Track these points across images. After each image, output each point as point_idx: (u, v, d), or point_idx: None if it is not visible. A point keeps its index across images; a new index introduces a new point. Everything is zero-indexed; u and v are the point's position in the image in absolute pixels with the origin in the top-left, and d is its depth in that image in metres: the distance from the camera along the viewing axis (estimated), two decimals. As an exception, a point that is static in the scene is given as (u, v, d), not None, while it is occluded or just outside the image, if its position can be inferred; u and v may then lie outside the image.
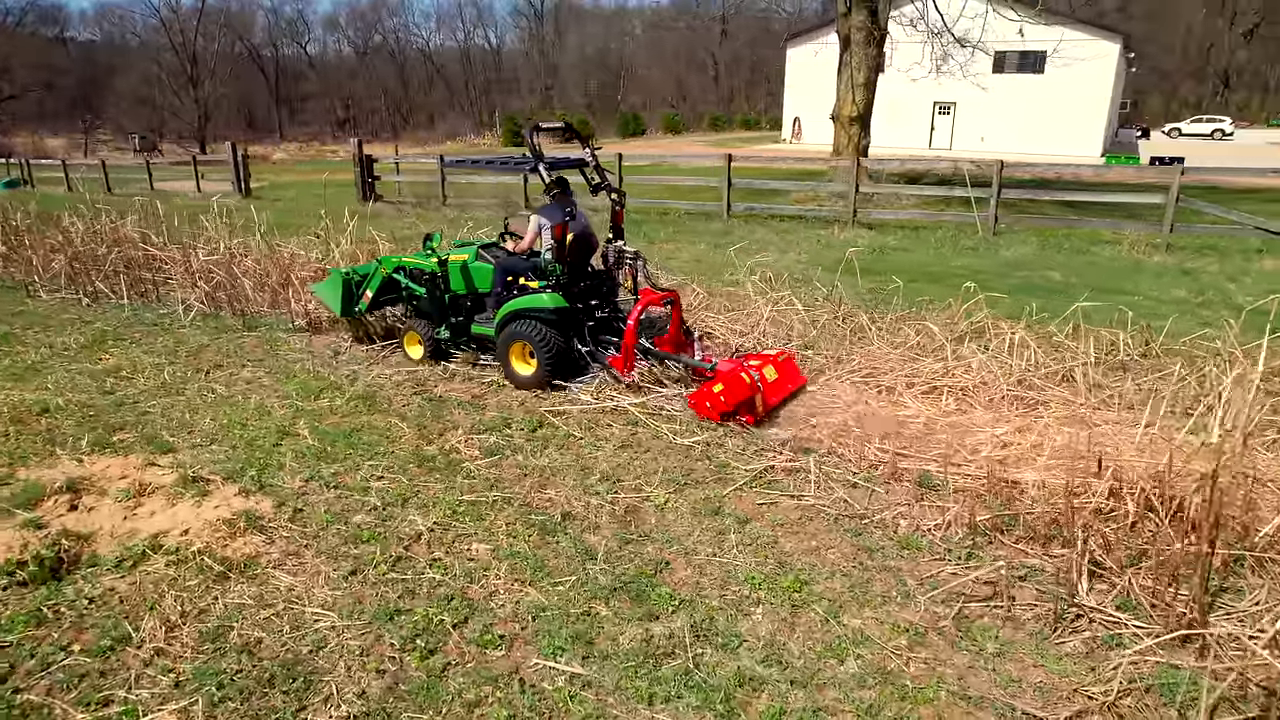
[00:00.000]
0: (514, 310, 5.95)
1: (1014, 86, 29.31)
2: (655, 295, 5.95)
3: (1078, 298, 7.76)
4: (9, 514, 4.19)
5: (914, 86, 30.64)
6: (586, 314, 6.14)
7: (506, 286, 6.25)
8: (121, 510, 4.21)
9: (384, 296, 7.08)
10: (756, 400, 5.34)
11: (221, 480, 4.52)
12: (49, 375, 6.50)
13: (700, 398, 5.41)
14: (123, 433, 5.37)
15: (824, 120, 36.30)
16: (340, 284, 7.03)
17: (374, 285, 6.95)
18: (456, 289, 6.59)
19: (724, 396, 5.27)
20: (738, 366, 5.45)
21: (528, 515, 4.25)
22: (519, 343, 5.96)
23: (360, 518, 4.21)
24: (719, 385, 5.32)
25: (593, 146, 6.68)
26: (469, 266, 6.54)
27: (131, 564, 3.77)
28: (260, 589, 3.60)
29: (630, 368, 5.83)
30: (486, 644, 3.26)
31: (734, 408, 5.29)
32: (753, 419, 5.33)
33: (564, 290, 5.88)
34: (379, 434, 5.29)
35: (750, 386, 5.31)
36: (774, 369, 5.65)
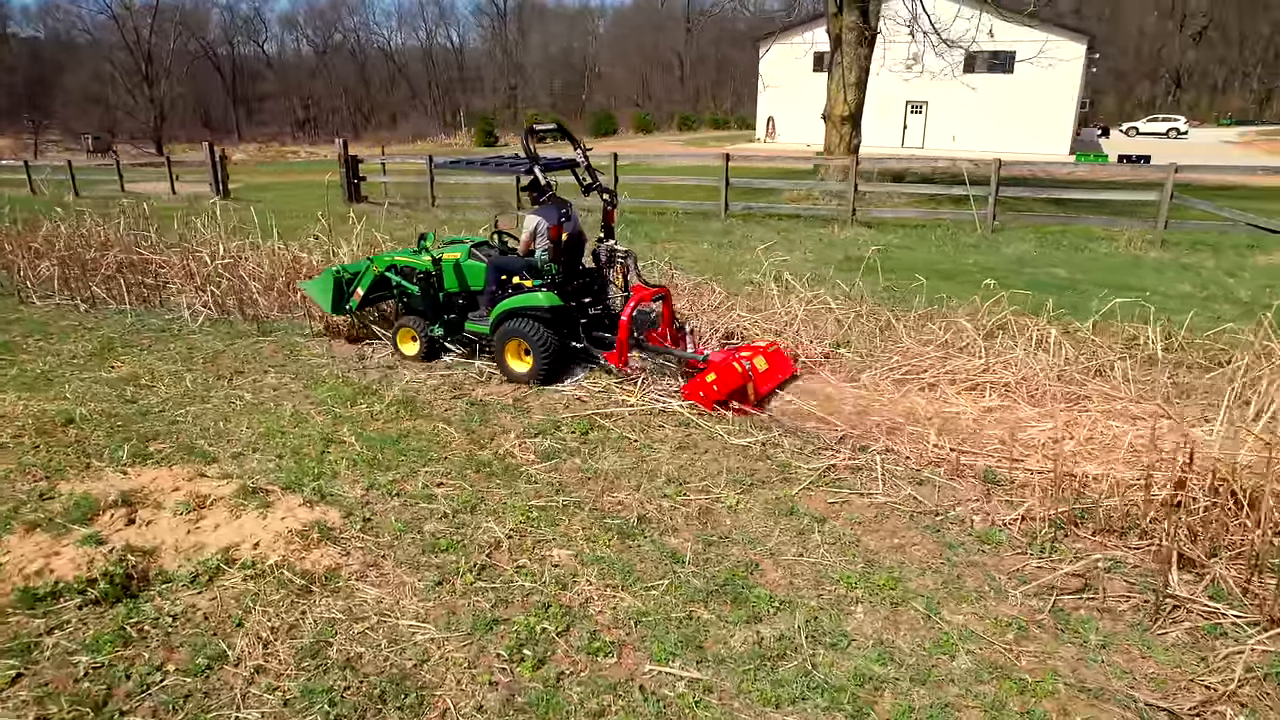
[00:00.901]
0: (510, 309, 6.06)
1: (984, 86, 29.88)
2: (647, 292, 6.08)
3: (1087, 293, 7.96)
4: (64, 529, 4.02)
5: (886, 86, 31.10)
6: (580, 312, 6.25)
7: (500, 285, 6.33)
8: (182, 524, 4.06)
9: (374, 295, 7.09)
10: (748, 389, 5.57)
11: (281, 491, 4.39)
12: (63, 384, 6.26)
13: (694, 387, 5.62)
14: (157, 443, 5.19)
15: (798, 119, 36.83)
16: (331, 282, 7.03)
17: (365, 283, 6.96)
18: (450, 287, 6.63)
19: (716, 385, 5.48)
20: (729, 357, 5.68)
21: (602, 519, 4.20)
22: (515, 340, 6.07)
23: (432, 526, 4.12)
24: (712, 375, 5.52)
25: (584, 147, 6.74)
26: (462, 265, 6.59)
27: (207, 579, 3.64)
28: (347, 602, 3.50)
29: (625, 362, 5.97)
30: (596, 651, 3.21)
31: (726, 396, 5.50)
32: (747, 405, 5.54)
33: (558, 289, 6.01)
34: (427, 439, 5.19)
35: (742, 375, 5.54)
36: (764, 359, 5.87)
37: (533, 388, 6.03)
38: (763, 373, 5.78)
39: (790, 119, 36.54)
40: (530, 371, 6.06)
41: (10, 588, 3.57)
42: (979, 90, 29.27)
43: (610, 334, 6.16)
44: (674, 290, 7.92)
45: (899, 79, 29.80)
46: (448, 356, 6.75)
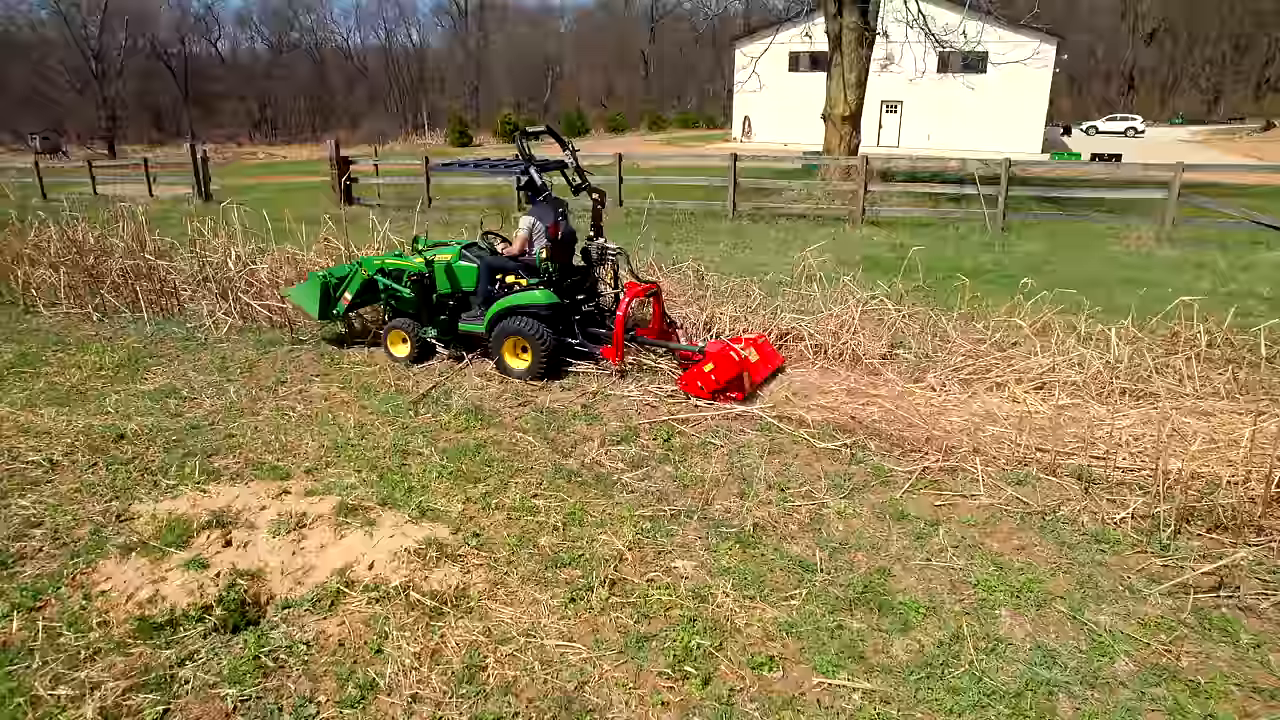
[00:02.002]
0: (507, 307, 6.15)
1: (958, 86, 30.39)
2: (640, 288, 6.21)
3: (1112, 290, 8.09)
4: (160, 552, 3.82)
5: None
6: (574, 309, 6.37)
7: (495, 285, 6.43)
8: (285, 544, 3.88)
9: (361, 299, 7.04)
10: (744, 378, 5.73)
11: (380, 507, 4.23)
12: (99, 398, 5.98)
13: (691, 378, 5.77)
14: (219, 458, 4.98)
15: (774, 119, 37.01)
16: (319, 287, 6.94)
17: (354, 287, 6.92)
18: (442, 289, 6.66)
19: (714, 375, 5.63)
20: (725, 347, 5.79)
21: (716, 528, 4.12)
22: (512, 338, 6.15)
23: (546, 539, 4.00)
24: (709, 365, 5.66)
25: (573, 148, 6.81)
26: (453, 266, 6.62)
27: (329, 604, 3.48)
28: (484, 623, 3.38)
29: (621, 357, 6.11)
30: (760, 666, 3.14)
31: (724, 385, 5.65)
32: (741, 395, 5.68)
33: (554, 286, 6.14)
34: (507, 449, 5.05)
35: (739, 364, 5.68)
36: (755, 351, 6.08)
37: (602, 394, 5.92)
38: (754, 363, 5.95)
39: (766, 119, 36.77)
40: (529, 368, 6.14)
41: (125, 616, 3.37)
42: (953, 90, 29.78)
43: (603, 330, 6.39)
44: (712, 293, 7.87)
45: (874, 78, 30.17)
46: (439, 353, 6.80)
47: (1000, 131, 30.89)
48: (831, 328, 6.55)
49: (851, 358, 6.29)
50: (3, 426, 5.46)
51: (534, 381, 6.11)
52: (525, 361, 6.17)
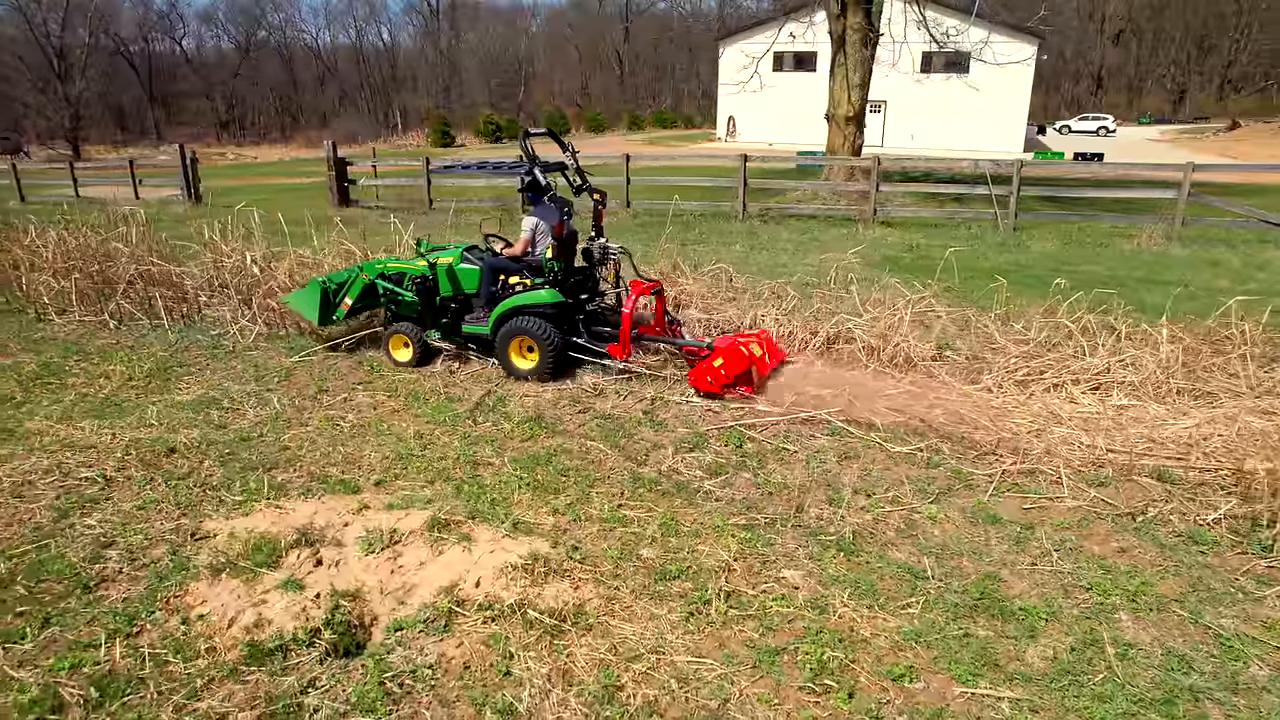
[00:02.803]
0: (513, 307, 6.16)
1: (941, 85, 30.73)
2: (645, 286, 6.30)
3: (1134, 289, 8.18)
4: (251, 573, 3.67)
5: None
6: (577, 308, 6.42)
7: (499, 286, 6.45)
8: (381, 563, 3.76)
9: (361, 303, 7.03)
10: (752, 373, 5.82)
11: (470, 521, 4.11)
12: (137, 410, 5.77)
13: (701, 373, 5.78)
14: (280, 472, 4.82)
15: (758, 119, 37.08)
16: (319, 293, 6.87)
17: (355, 292, 6.89)
18: (444, 291, 6.66)
19: (724, 370, 5.68)
20: (734, 342, 5.90)
21: (815, 536, 4.08)
22: (518, 338, 6.16)
23: (648, 552, 3.92)
24: (719, 360, 5.71)
25: (573, 149, 6.85)
26: (455, 269, 6.62)
27: (443, 624, 3.36)
28: (608, 640, 3.29)
29: (628, 354, 6.16)
30: (899, 677, 3.09)
31: (734, 379, 5.73)
32: (750, 389, 5.78)
33: (559, 286, 6.18)
34: (579, 458, 4.96)
35: (748, 359, 5.78)
36: (759, 345, 6.12)
37: (661, 400, 5.84)
38: (759, 358, 6.01)
39: (751, 119, 36.86)
40: (535, 368, 6.15)
41: (231, 641, 3.23)
42: (936, 90, 30.09)
43: (607, 328, 6.47)
44: (749, 295, 7.83)
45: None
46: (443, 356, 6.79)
47: (983, 131, 31.31)
48: (881, 329, 6.53)
49: (905, 360, 6.27)
50: (43, 440, 5.24)
51: (543, 381, 6.13)
52: (531, 361, 6.17)
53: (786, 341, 6.75)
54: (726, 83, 35.85)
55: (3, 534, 4.12)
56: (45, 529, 4.17)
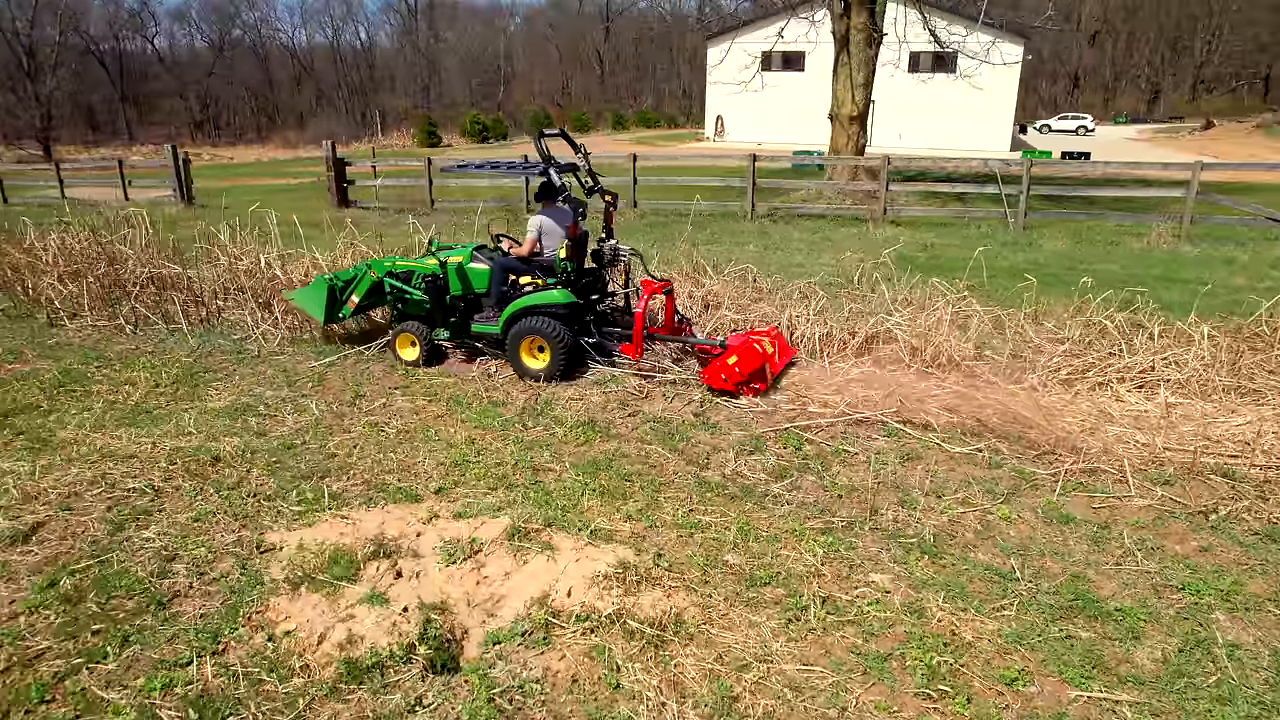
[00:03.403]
0: (524, 307, 6.16)
1: (929, 85, 30.97)
2: (656, 286, 6.31)
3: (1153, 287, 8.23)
4: (331, 587, 3.56)
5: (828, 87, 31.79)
6: (588, 308, 6.44)
7: (509, 285, 6.46)
8: (464, 574, 3.66)
9: (367, 301, 7.00)
10: (766, 370, 5.86)
11: (547, 529, 4.03)
12: (171, 419, 5.61)
13: (715, 371, 5.81)
14: (332, 480, 4.70)
15: (747, 118, 37.10)
16: (325, 291, 6.82)
17: (362, 290, 6.85)
18: (454, 290, 6.64)
19: (738, 367, 5.70)
20: (748, 340, 5.93)
21: (895, 538, 4.04)
22: (529, 338, 6.15)
23: (732, 558, 3.86)
24: (733, 357, 5.73)
25: (584, 151, 6.88)
26: (465, 268, 6.60)
27: (542, 636, 3.28)
28: (713, 650, 3.23)
29: (641, 354, 6.18)
30: (1012, 681, 3.06)
31: (748, 377, 5.75)
32: (764, 386, 5.83)
33: (570, 286, 6.20)
34: (639, 462, 4.89)
35: (761, 356, 5.84)
36: (770, 343, 6.16)
37: (710, 403, 5.79)
38: (769, 355, 6.04)
39: (739, 118, 36.93)
40: (546, 368, 6.14)
41: (325, 659, 3.12)
42: (923, 89, 30.31)
43: (617, 329, 6.51)
44: (780, 295, 7.80)
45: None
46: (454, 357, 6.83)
47: (970, 130, 31.61)
48: (920, 329, 6.52)
49: (948, 360, 6.27)
50: (80, 450, 5.07)
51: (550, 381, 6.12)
52: (542, 361, 6.17)
53: (824, 342, 6.72)
54: (721, 81, 35.86)
55: (59, 548, 3.98)
56: (102, 543, 4.02)
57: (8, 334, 7.63)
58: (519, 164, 7.03)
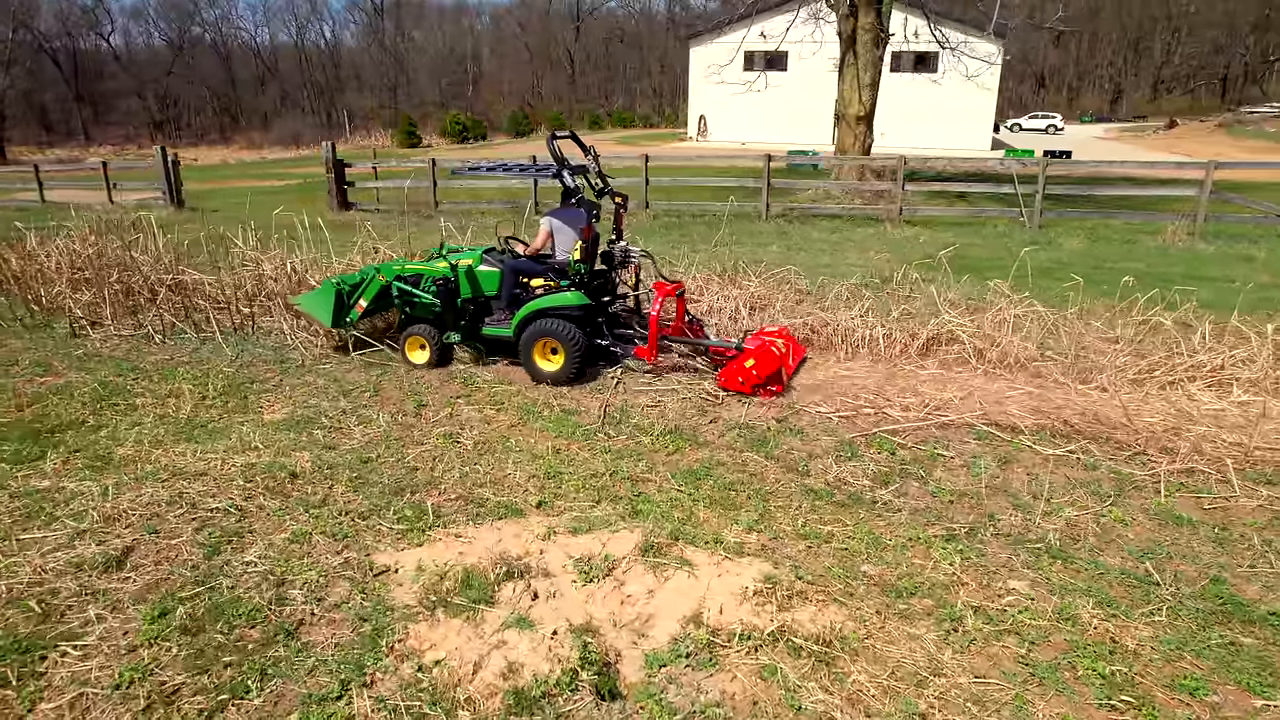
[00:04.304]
0: (538, 309, 6.15)
1: (910, 85, 31.29)
2: (669, 288, 6.29)
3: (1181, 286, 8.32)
4: (470, 610, 3.41)
5: (817, 85, 32.00)
6: (600, 310, 6.44)
7: (521, 288, 6.47)
8: (606, 593, 3.53)
9: (375, 304, 6.95)
10: (781, 371, 5.90)
11: (676, 543, 3.91)
12: (231, 433, 5.37)
13: (732, 373, 5.86)
14: (421, 495, 4.54)
15: (730, 118, 37.16)
16: (333, 294, 6.74)
17: (371, 293, 6.81)
18: (463, 293, 6.62)
19: (756, 370, 5.75)
20: (765, 341, 5.97)
21: (1020, 543, 4.00)
22: (542, 340, 6.14)
23: (869, 568, 3.78)
24: (750, 360, 5.78)
25: (594, 153, 6.87)
26: (475, 271, 6.58)
27: (707, 657, 3.17)
28: (883, 666, 3.14)
29: (656, 357, 6.22)
30: (1194, 690, 3.02)
31: (765, 379, 5.79)
32: (780, 388, 5.86)
33: (584, 288, 6.20)
34: (738, 470, 4.79)
35: (779, 358, 5.87)
36: (783, 343, 6.21)
37: (790, 408, 5.71)
38: (784, 357, 6.08)
39: (722, 118, 36.96)
40: (560, 370, 6.14)
41: (489, 689, 2.98)
42: (905, 89, 30.59)
43: (629, 331, 6.54)
44: (832, 298, 7.76)
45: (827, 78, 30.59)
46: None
47: (952, 130, 32.00)
48: (984, 329, 6.51)
49: (1015, 361, 6.27)
50: (144, 468, 4.83)
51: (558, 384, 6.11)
52: (556, 364, 6.16)
53: (885, 344, 6.68)
54: (695, 82, 35.92)
55: (156, 574, 3.77)
56: (202, 568, 3.82)
57: (30, 345, 7.29)
58: (530, 166, 6.99)
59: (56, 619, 3.46)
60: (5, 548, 3.97)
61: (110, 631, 3.37)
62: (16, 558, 3.88)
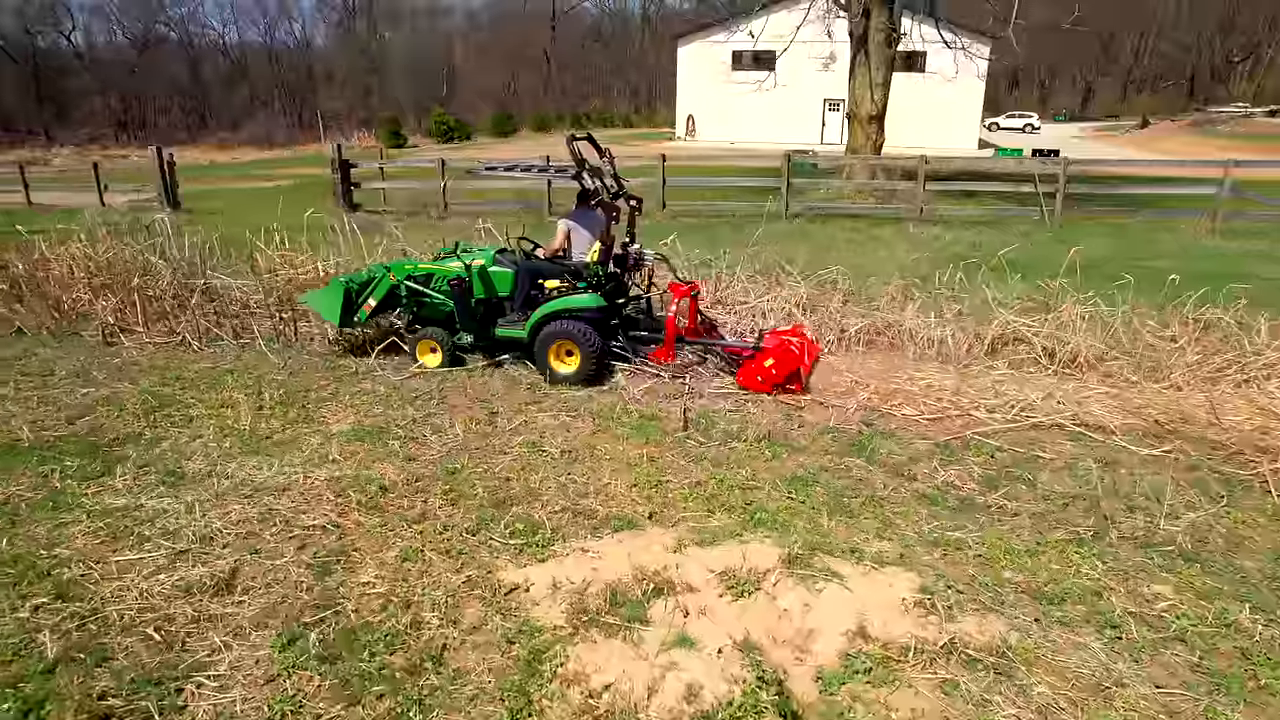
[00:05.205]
0: (554, 311, 6.14)
1: (898, 85, 31.43)
2: (685, 289, 6.36)
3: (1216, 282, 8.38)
4: (627, 630, 3.27)
5: (804, 84, 32.12)
6: (615, 311, 6.46)
7: (536, 289, 6.43)
8: (760, 608, 3.41)
9: (383, 305, 6.86)
10: (800, 370, 5.90)
11: (818, 555, 3.80)
12: (299, 445, 5.17)
13: (751, 373, 5.90)
14: (523, 508, 4.38)
15: (718, 118, 37.13)
16: (340, 293, 6.66)
17: (380, 293, 6.70)
18: (476, 293, 6.56)
19: (775, 369, 5.78)
20: (784, 341, 5.97)
21: (1149, 548, 3.95)
22: (558, 342, 6.12)
23: (1010, 574, 3.71)
24: (770, 359, 5.81)
25: (610, 155, 6.89)
26: (488, 271, 6.54)
27: (884, 672, 3.06)
28: (1062, 678, 3.06)
29: (673, 358, 6.27)
30: (1380, 698, 2.98)
31: (785, 379, 5.82)
32: (799, 387, 5.88)
33: (600, 290, 6.20)
34: (844, 477, 4.70)
35: (799, 357, 5.87)
36: (798, 341, 6.17)
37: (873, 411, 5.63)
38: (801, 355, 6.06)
39: (711, 118, 36.95)
40: (576, 372, 6.11)
41: (672, 715, 2.84)
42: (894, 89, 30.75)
43: (644, 333, 6.56)
44: (886, 299, 7.71)
45: (817, 77, 30.86)
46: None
47: (939, 129, 32.29)
48: (1049, 330, 6.50)
49: (1085, 361, 6.25)
50: (222, 484, 4.62)
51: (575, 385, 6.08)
52: (571, 365, 6.14)
53: (950, 344, 6.64)
54: (683, 82, 35.89)
55: (270, 596, 3.58)
56: (316, 590, 3.64)
57: (63, 354, 7.00)
58: (551, 166, 7.09)
59: (179, 648, 3.26)
60: (104, 571, 3.75)
61: (240, 660, 3.19)
62: (118, 581, 3.67)
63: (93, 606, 3.50)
